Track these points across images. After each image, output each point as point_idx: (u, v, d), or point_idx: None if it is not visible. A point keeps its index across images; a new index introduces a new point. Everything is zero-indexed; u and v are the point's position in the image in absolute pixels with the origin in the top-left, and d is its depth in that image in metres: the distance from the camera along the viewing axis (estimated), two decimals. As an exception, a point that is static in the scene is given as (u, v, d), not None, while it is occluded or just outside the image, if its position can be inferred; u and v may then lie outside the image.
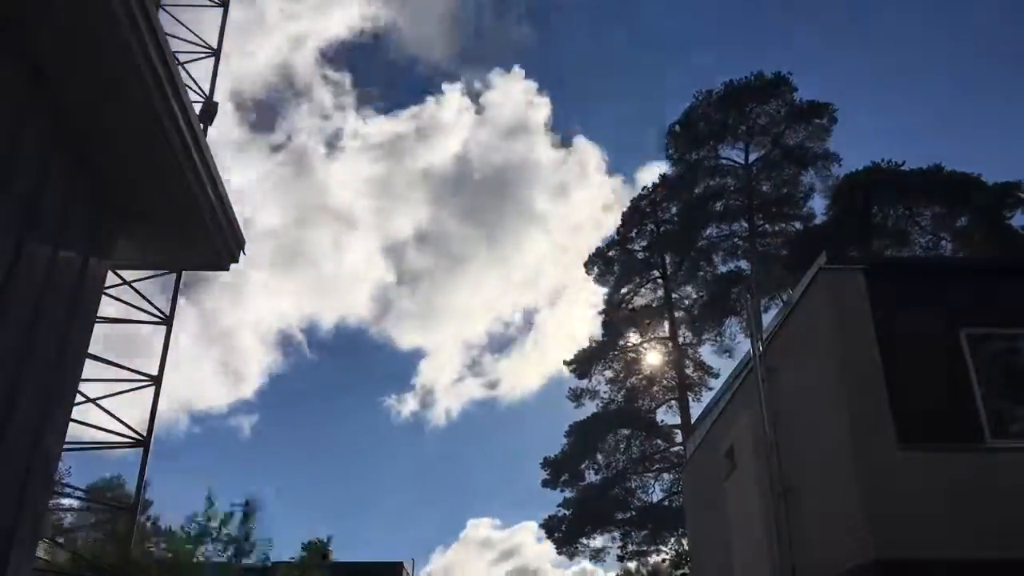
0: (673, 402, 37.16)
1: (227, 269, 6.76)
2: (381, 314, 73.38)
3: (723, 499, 15.43)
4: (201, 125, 7.68)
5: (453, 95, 64.92)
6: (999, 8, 47.88)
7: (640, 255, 39.26)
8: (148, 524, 25.93)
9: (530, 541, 63.74)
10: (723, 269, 36.89)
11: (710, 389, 36.16)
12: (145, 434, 12.27)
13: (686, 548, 31.41)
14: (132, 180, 5.58)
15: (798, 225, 35.57)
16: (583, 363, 38.13)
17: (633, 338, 38.53)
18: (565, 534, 36.03)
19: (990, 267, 13.66)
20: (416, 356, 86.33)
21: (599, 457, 36.76)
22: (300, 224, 65.27)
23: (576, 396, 38.26)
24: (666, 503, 35.44)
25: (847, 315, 10.37)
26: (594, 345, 38.33)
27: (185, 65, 14.65)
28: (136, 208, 5.81)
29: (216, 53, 15.46)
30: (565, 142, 74.88)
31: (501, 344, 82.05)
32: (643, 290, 38.99)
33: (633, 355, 38.33)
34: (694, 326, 37.16)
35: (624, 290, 38.81)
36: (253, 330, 65.97)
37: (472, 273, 65.61)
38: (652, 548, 36.29)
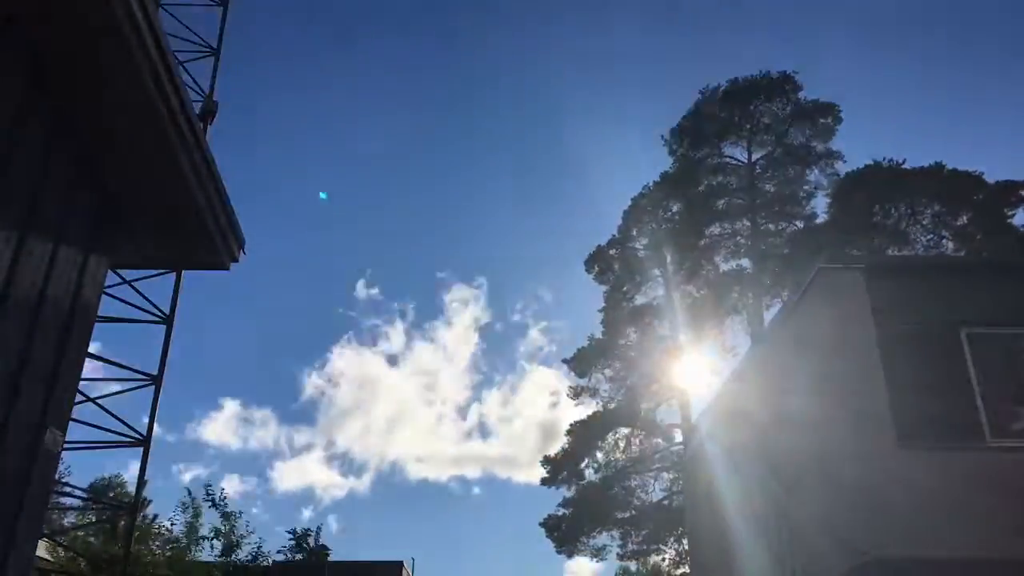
0: (673, 401, 37.14)
1: (227, 268, 6.77)
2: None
3: (724, 498, 15.44)
4: (201, 124, 7.69)
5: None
6: (1000, 6, 47.81)
7: (641, 253, 39.22)
8: (150, 523, 25.90)
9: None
10: (725, 268, 36.89)
11: (710, 388, 36.17)
12: (145, 434, 12.28)
13: (686, 547, 31.43)
14: (132, 180, 5.58)
15: (801, 224, 35.54)
16: (583, 361, 38.11)
17: (633, 337, 38.51)
18: (565, 533, 36.03)
19: (990, 266, 13.66)
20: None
21: (599, 456, 36.79)
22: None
23: (576, 394, 38.27)
24: (666, 502, 35.44)
25: (847, 315, 10.37)
26: (594, 343, 38.31)
27: (185, 65, 14.65)
28: (136, 208, 5.81)
29: (216, 53, 15.47)
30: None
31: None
32: (644, 288, 38.98)
33: (633, 354, 38.29)
34: (695, 325, 37.12)
35: (625, 288, 38.78)
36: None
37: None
38: (652, 547, 36.31)
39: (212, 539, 19.91)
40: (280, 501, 65.61)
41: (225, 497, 20.06)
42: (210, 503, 19.84)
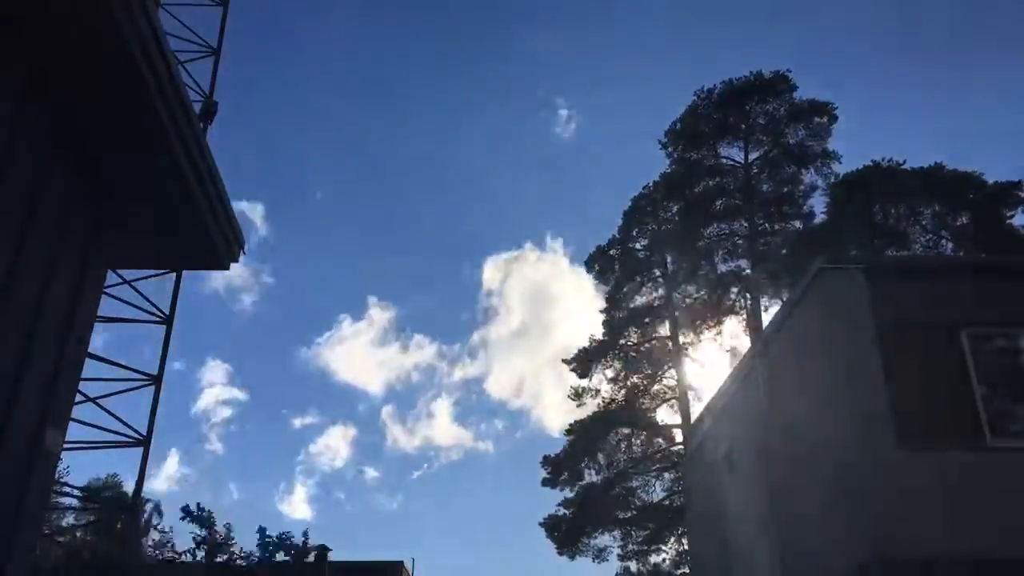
0: (673, 401, 37.17)
1: (227, 268, 6.77)
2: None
3: (723, 498, 15.44)
4: (201, 124, 7.69)
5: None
6: (1000, 5, 47.85)
7: (641, 254, 39.27)
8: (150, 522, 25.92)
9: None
10: (723, 268, 36.93)
11: (710, 388, 36.11)
12: (145, 433, 12.28)
13: (686, 547, 31.43)
14: (132, 180, 5.58)
15: (798, 224, 35.60)
16: (584, 362, 38.15)
17: (634, 337, 38.55)
18: (566, 533, 36.05)
19: (990, 267, 13.66)
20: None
21: (600, 456, 36.78)
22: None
23: (577, 395, 38.30)
24: (666, 502, 35.46)
25: (847, 315, 10.37)
26: (595, 344, 38.35)
27: (185, 65, 14.64)
28: (136, 208, 5.81)
29: (216, 53, 15.47)
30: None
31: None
32: (644, 289, 39.02)
33: (634, 354, 38.32)
34: (694, 325, 37.17)
35: (625, 289, 38.82)
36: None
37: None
38: (653, 547, 36.33)
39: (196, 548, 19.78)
40: (393, 459, 58.34)
41: (211, 515, 19.84)
42: (188, 518, 19.61)
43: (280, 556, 21.37)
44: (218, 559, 19.51)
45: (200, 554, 19.37)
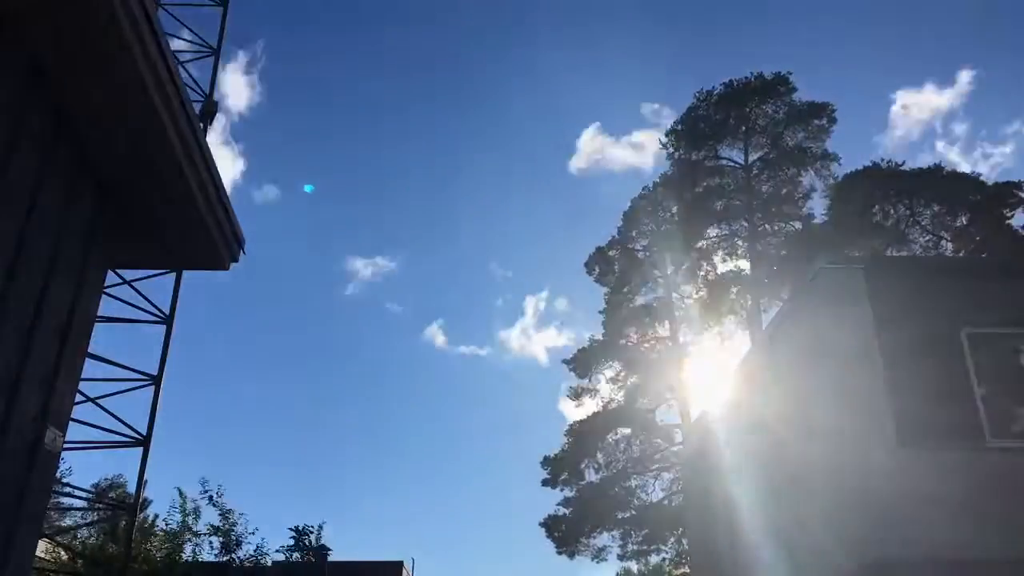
0: (673, 401, 37.18)
1: (227, 268, 6.76)
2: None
3: (723, 498, 15.45)
4: (201, 124, 7.69)
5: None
6: (1000, 6, 47.85)
7: (640, 254, 39.29)
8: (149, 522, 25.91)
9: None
10: (723, 269, 36.95)
11: (710, 389, 36.14)
12: (145, 433, 12.28)
13: (686, 548, 31.44)
14: (132, 180, 5.57)
15: (798, 225, 35.61)
16: (583, 362, 38.15)
17: (633, 337, 38.56)
18: (565, 533, 36.05)
19: (990, 267, 13.66)
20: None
21: (599, 456, 36.79)
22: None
23: (576, 395, 38.32)
24: (666, 503, 35.46)
25: (847, 315, 10.38)
26: (595, 344, 38.35)
27: (185, 65, 14.64)
28: (136, 207, 5.80)
29: (216, 53, 15.47)
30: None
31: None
32: (643, 289, 39.04)
33: (633, 354, 38.33)
34: (694, 326, 37.19)
35: (625, 289, 38.84)
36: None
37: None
38: (652, 548, 36.33)
39: (209, 536, 19.90)
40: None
41: (222, 494, 20.04)
42: (207, 500, 19.81)
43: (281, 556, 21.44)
44: (231, 556, 19.59)
45: (214, 540, 19.50)
